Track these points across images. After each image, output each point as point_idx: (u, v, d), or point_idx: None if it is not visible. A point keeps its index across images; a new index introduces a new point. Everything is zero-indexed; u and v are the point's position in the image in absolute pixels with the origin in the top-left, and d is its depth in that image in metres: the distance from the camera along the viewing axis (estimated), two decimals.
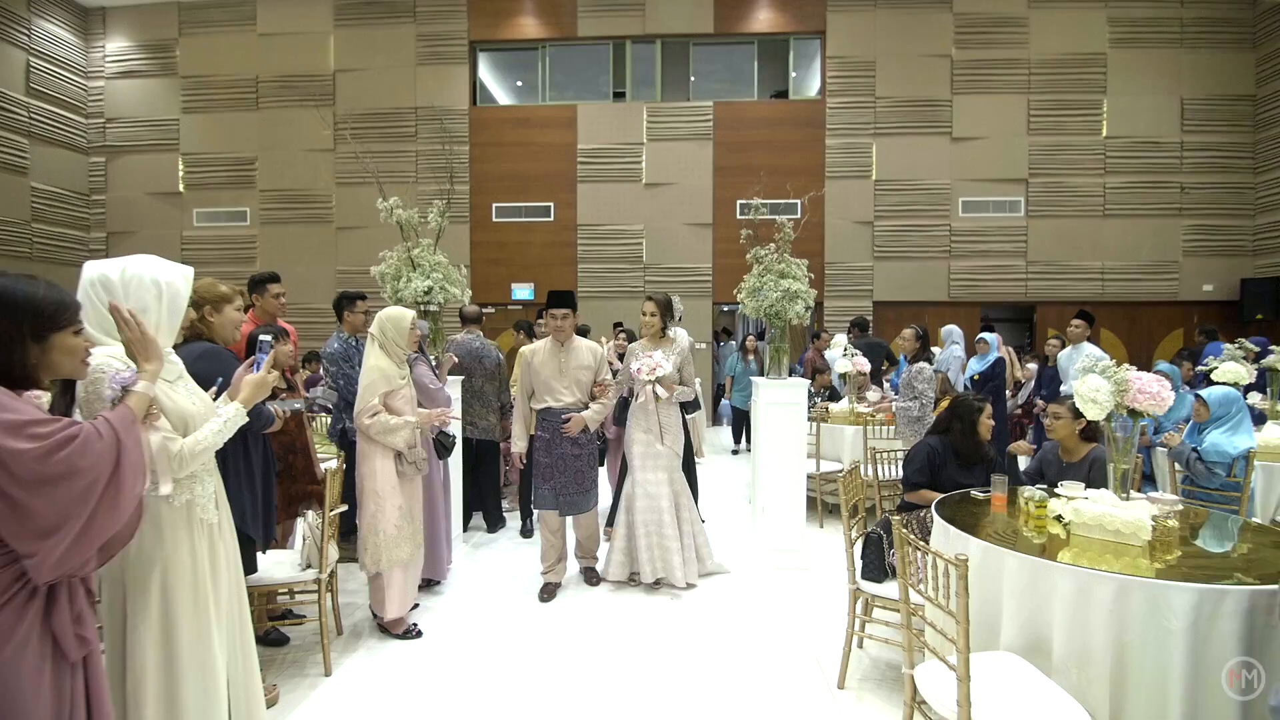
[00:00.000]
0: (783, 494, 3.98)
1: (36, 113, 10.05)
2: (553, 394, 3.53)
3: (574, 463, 3.53)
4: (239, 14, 10.49)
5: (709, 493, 5.93)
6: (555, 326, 3.52)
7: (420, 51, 10.19)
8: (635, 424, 3.67)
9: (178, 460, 1.65)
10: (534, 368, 3.57)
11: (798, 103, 9.99)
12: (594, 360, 3.60)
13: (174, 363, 1.79)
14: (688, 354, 3.74)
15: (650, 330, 3.72)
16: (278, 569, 2.71)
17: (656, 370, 3.45)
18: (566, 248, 10.12)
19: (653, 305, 3.73)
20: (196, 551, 1.72)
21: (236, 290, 2.46)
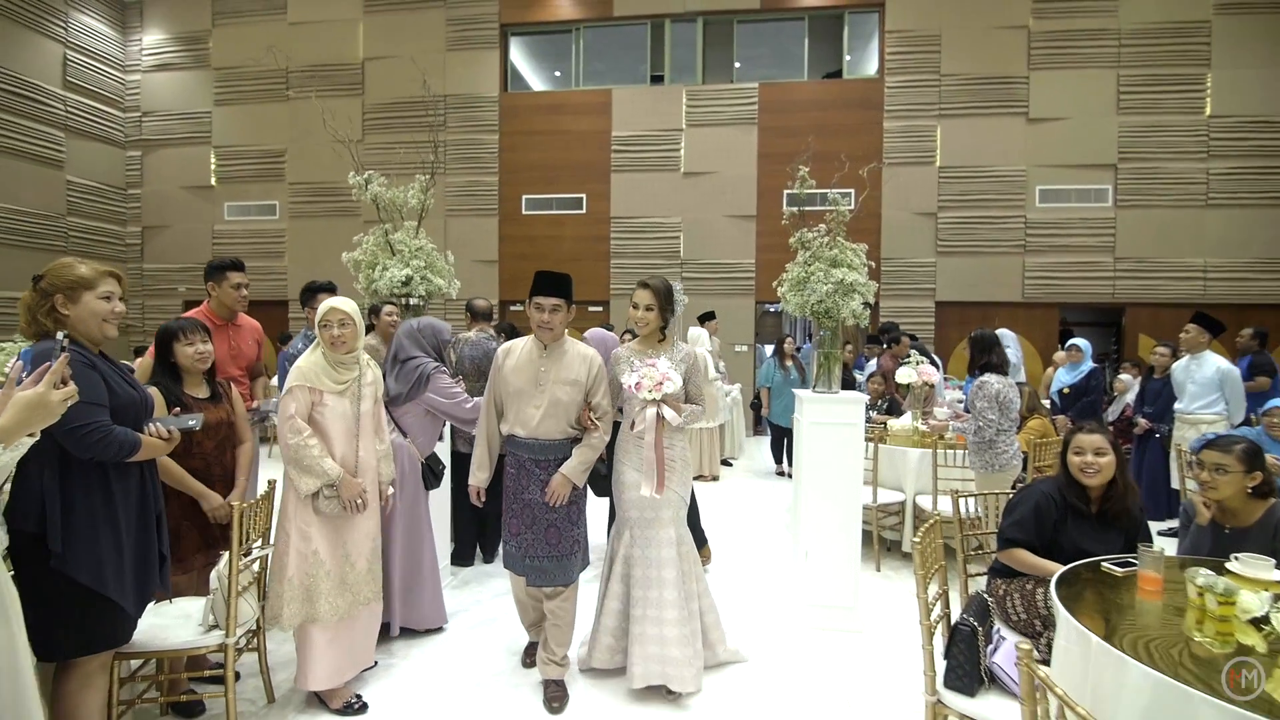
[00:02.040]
0: (832, 536, 3.22)
1: (73, 106, 10.01)
2: (521, 416, 2.52)
3: (545, 516, 2.50)
4: (270, 3, 10.25)
5: (740, 522, 5.17)
6: (540, 321, 2.48)
7: (449, 36, 9.74)
8: (628, 460, 2.63)
9: None
10: (503, 374, 2.57)
11: (852, 83, 9.10)
12: (587, 373, 2.53)
13: None
14: (695, 361, 2.71)
15: (646, 328, 2.63)
16: (174, 629, 2.13)
17: (663, 384, 2.41)
18: (599, 241, 9.49)
19: (648, 294, 2.60)
20: None
21: (103, 272, 1.87)
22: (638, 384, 2.43)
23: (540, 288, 2.52)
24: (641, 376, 2.44)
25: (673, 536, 2.60)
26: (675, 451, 2.65)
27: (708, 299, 8.78)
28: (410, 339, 2.96)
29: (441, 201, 9.77)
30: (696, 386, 2.70)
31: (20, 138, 9.23)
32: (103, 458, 1.74)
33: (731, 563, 4.17)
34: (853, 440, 3.26)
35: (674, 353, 2.66)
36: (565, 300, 2.53)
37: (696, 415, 2.67)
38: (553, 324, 2.49)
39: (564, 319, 2.54)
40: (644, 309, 2.61)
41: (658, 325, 2.65)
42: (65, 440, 1.69)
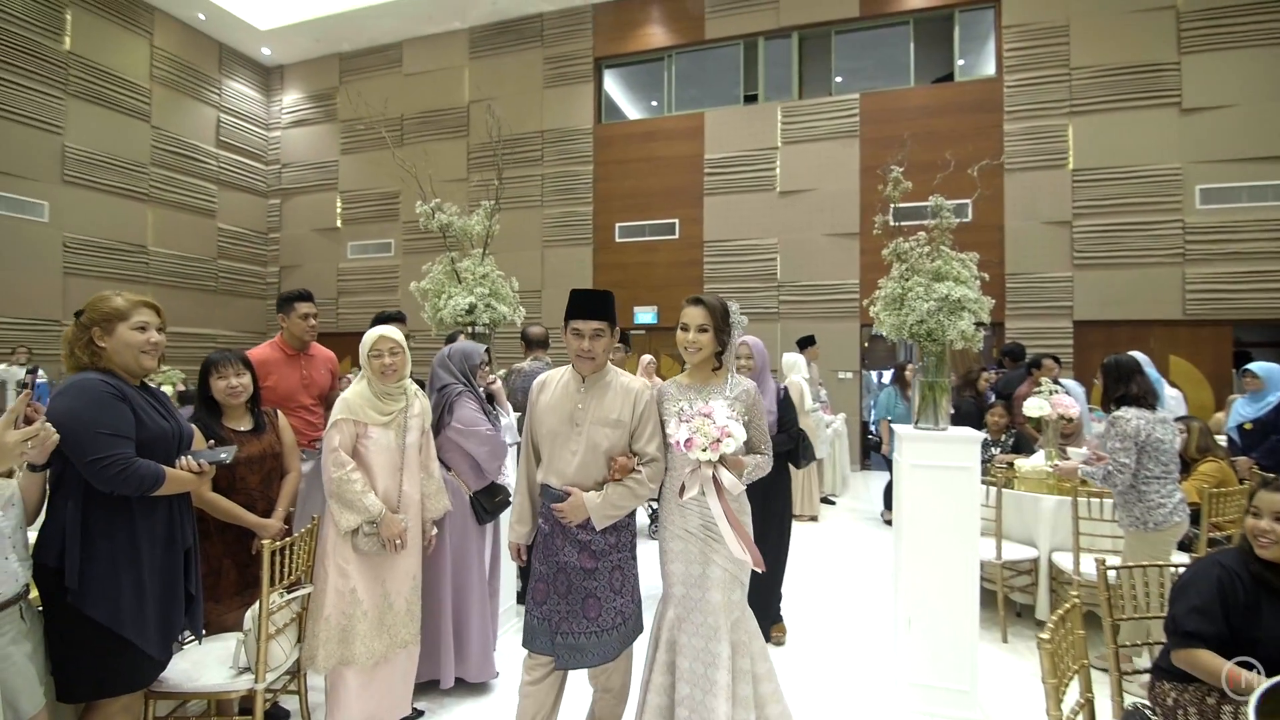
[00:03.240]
0: (940, 600, 2.70)
1: (225, 162, 11.26)
2: (556, 462, 2.11)
3: (584, 584, 2.04)
4: (387, 57, 11.07)
5: (834, 576, 4.62)
6: (579, 350, 2.07)
7: (546, 74, 10.02)
8: (673, 521, 2.11)
9: None
10: (537, 412, 2.18)
11: (966, 85, 8.36)
12: (632, 412, 2.08)
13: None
14: (756, 400, 2.14)
15: (698, 354, 2.09)
16: (208, 671, 2.06)
17: (722, 442, 1.85)
18: (691, 266, 9.26)
19: (701, 313, 2.08)
20: None
21: (138, 303, 1.85)
22: (688, 441, 1.86)
23: (578, 309, 2.09)
24: (694, 431, 1.86)
25: (722, 627, 2.02)
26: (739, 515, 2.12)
27: (807, 323, 8.27)
28: (442, 365, 2.84)
29: (538, 233, 10.00)
30: (760, 431, 2.15)
31: (181, 191, 10.48)
32: (124, 491, 1.69)
33: (817, 628, 3.58)
34: (966, 486, 2.74)
35: (730, 388, 2.11)
36: (609, 323, 2.09)
37: (762, 470, 2.15)
38: (594, 352, 2.07)
39: (607, 346, 2.11)
40: (696, 330, 2.08)
41: (713, 351, 2.10)
42: (86, 472, 1.65)
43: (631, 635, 2.17)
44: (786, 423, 3.22)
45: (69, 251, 8.95)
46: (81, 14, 9.04)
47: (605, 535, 2.10)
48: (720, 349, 2.13)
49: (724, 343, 2.13)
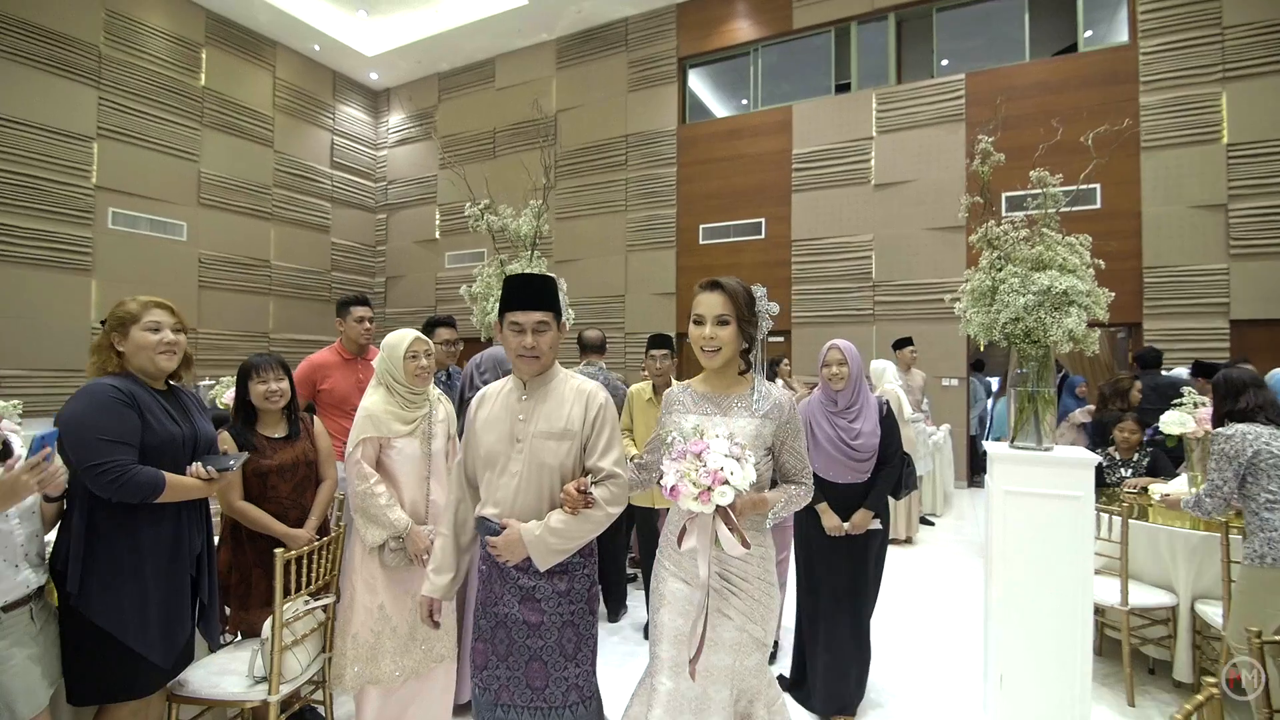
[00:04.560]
0: (1039, 655, 2.26)
1: (338, 181, 12.10)
2: (493, 488, 1.70)
3: (525, 639, 1.64)
4: (481, 74, 11.46)
5: (926, 613, 4.12)
6: (519, 347, 1.69)
7: (630, 78, 9.97)
8: (673, 558, 1.71)
9: None
10: (475, 430, 1.79)
11: (1093, 55, 7.40)
12: (581, 419, 1.69)
13: None
14: (791, 414, 1.70)
15: (715, 355, 1.67)
16: (227, 679, 2.03)
17: (714, 491, 1.43)
18: (779, 267, 8.83)
19: (720, 299, 1.66)
20: None
21: (149, 304, 1.85)
22: (673, 489, 1.46)
23: (517, 298, 1.68)
24: (681, 473, 1.45)
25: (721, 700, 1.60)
26: (752, 563, 1.65)
27: (905, 326, 7.63)
28: (475, 371, 2.72)
29: (622, 237, 9.94)
30: (795, 456, 1.70)
31: (299, 209, 11.35)
32: (123, 499, 1.67)
33: (895, 677, 3.06)
34: (1076, 518, 2.28)
35: (757, 400, 1.68)
36: (554, 314, 1.72)
37: (795, 503, 1.72)
38: (539, 349, 1.68)
39: (553, 342, 1.72)
40: (714, 323, 1.64)
41: (736, 350, 1.67)
42: (86, 478, 1.65)
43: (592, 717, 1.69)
44: (890, 449, 2.63)
45: (203, 266, 9.89)
46: (214, 52, 10.01)
47: (552, 580, 1.65)
48: (746, 346, 1.71)
49: (750, 339, 1.71)
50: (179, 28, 9.56)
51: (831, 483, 2.61)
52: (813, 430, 2.64)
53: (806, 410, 2.71)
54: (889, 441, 2.63)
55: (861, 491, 2.61)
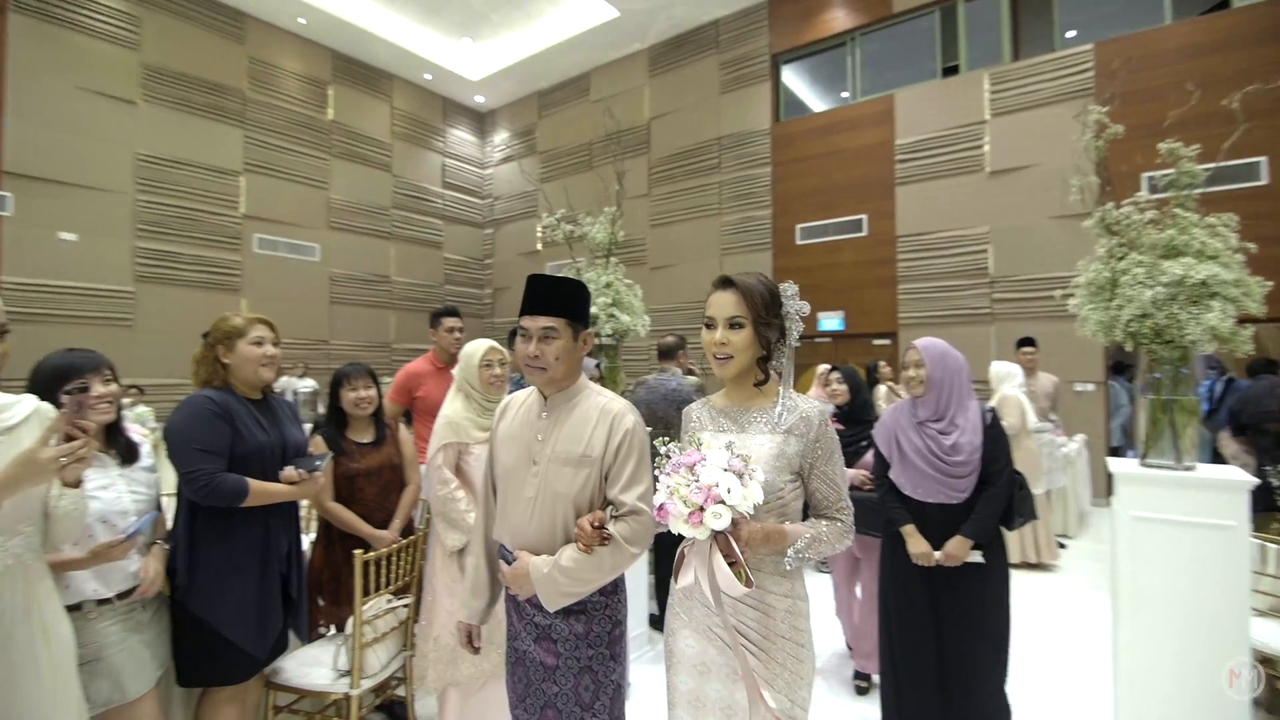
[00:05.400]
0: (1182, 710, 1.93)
1: (449, 200, 12.87)
2: (509, 513, 1.58)
3: (541, 682, 1.51)
4: (577, 88, 11.78)
5: (1057, 651, 3.68)
6: (524, 358, 1.54)
7: (722, 80, 9.85)
8: (683, 612, 1.51)
9: None
10: (496, 442, 1.68)
11: (1251, 10, 6.42)
12: (604, 444, 1.51)
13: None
14: (823, 430, 1.45)
15: (728, 364, 1.46)
16: (316, 670, 2.17)
17: (706, 512, 1.23)
18: (883, 265, 8.36)
19: (731, 299, 1.44)
20: None
21: (253, 320, 2.01)
22: (661, 508, 1.27)
23: (526, 301, 1.54)
24: (671, 488, 1.26)
25: None
26: (775, 616, 1.39)
27: (1029, 325, 6.96)
28: None
29: (716, 241, 9.83)
30: (829, 482, 1.44)
31: (415, 228, 12.18)
32: (212, 503, 1.82)
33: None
34: (1228, 551, 1.94)
35: (781, 413, 1.44)
36: (567, 319, 1.52)
37: (825, 543, 1.41)
38: (544, 359, 1.50)
39: (563, 351, 1.52)
40: (725, 326, 1.44)
41: (753, 357, 1.45)
42: (181, 483, 1.81)
43: None
44: (995, 465, 2.20)
45: (333, 284, 10.84)
46: (340, 89, 10.97)
47: (569, 620, 1.49)
48: (764, 353, 1.47)
49: (769, 343, 1.46)
50: (309, 68, 10.57)
51: (920, 502, 2.24)
52: (898, 441, 2.31)
53: (894, 417, 2.38)
54: (994, 457, 2.20)
55: (958, 515, 2.19)
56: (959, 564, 2.15)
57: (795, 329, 1.48)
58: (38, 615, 1.34)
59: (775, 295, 1.48)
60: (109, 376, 1.76)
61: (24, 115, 7.70)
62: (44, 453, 1.24)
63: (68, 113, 8.04)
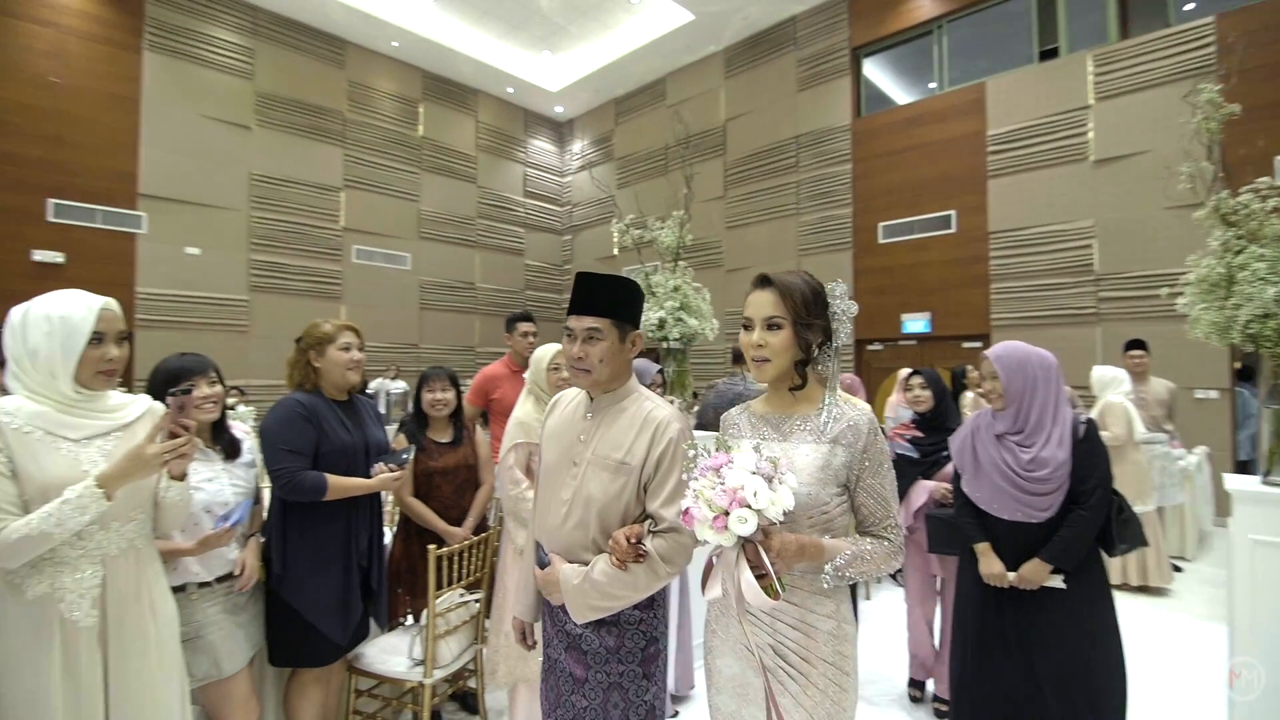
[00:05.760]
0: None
1: (530, 209, 13.27)
2: (546, 512, 1.55)
3: (570, 693, 1.46)
4: (653, 94, 11.87)
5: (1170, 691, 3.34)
6: (571, 358, 1.50)
7: (800, 77, 9.64)
8: (721, 631, 1.42)
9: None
10: (544, 438, 1.67)
11: None
12: (646, 453, 1.44)
13: (101, 414, 1.47)
14: (872, 440, 1.33)
15: (765, 367, 1.38)
16: (394, 657, 2.28)
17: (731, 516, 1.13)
18: (973, 263, 7.91)
19: (769, 299, 1.37)
20: (38, 660, 1.32)
21: (342, 327, 2.16)
22: (686, 512, 1.19)
23: (572, 300, 1.51)
24: (696, 492, 1.18)
25: None
26: (818, 639, 1.30)
27: (1138, 325, 6.41)
28: None
29: (794, 242, 9.63)
30: (876, 497, 1.33)
31: (498, 237, 12.64)
32: (295, 498, 1.96)
33: None
34: None
35: (827, 420, 1.35)
36: (613, 320, 1.47)
37: (869, 562, 1.29)
38: (588, 361, 1.46)
39: (609, 353, 1.46)
40: (762, 327, 1.36)
41: (790, 360, 1.36)
42: (270, 479, 1.96)
43: None
44: (1086, 483, 1.95)
45: (423, 291, 11.41)
46: (429, 106, 11.56)
47: (599, 633, 1.43)
48: (803, 357, 1.37)
49: (808, 346, 1.36)
50: (402, 88, 11.19)
51: (996, 518, 2.06)
52: (975, 451, 2.14)
53: (972, 426, 2.20)
54: (1085, 474, 1.96)
55: (1039, 534, 1.99)
56: (1034, 587, 1.97)
57: (843, 330, 1.38)
58: (147, 594, 1.49)
59: (819, 294, 1.40)
60: (214, 379, 1.93)
61: (156, 143, 8.59)
62: (150, 448, 1.38)
63: (192, 139, 8.91)
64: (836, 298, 1.40)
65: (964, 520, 2.15)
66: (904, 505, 2.64)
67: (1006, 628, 2.01)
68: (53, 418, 1.39)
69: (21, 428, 1.35)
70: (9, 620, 1.32)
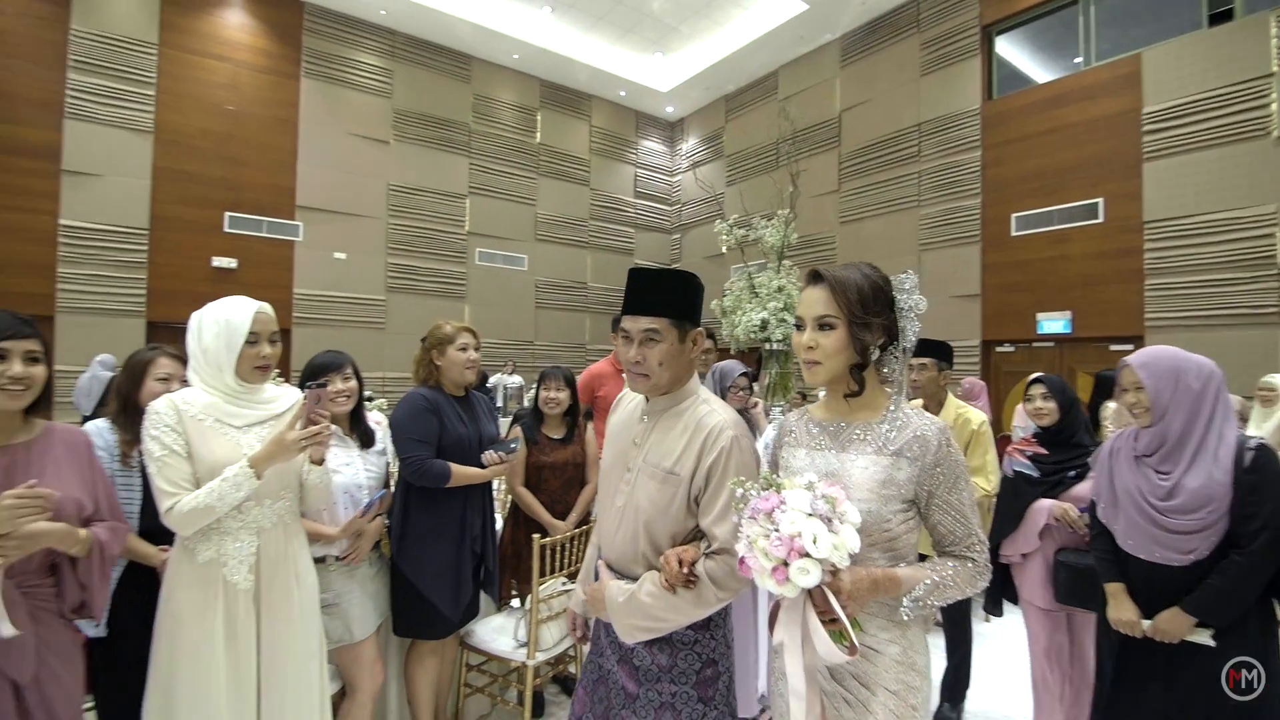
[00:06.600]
0: None
1: (640, 209, 13.50)
2: (601, 515, 1.53)
3: (620, 708, 1.39)
4: (764, 89, 11.67)
5: None
6: (627, 361, 1.41)
7: (923, 61, 9.10)
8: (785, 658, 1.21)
9: (172, 519, 1.50)
10: (607, 434, 1.62)
11: None
12: (694, 464, 1.34)
13: (258, 405, 1.69)
14: (945, 452, 1.20)
15: (818, 373, 1.26)
16: (501, 637, 2.44)
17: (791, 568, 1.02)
18: (1125, 256, 7.11)
19: (822, 296, 1.25)
20: (206, 615, 1.54)
21: (461, 329, 2.34)
22: (742, 561, 1.10)
23: (626, 300, 1.42)
24: (751, 538, 1.07)
25: None
26: (879, 663, 1.19)
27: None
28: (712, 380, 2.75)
29: (914, 236, 9.12)
30: (955, 514, 1.21)
31: (609, 237, 12.97)
32: (422, 483, 2.15)
33: None
34: None
35: (890, 431, 1.23)
36: (671, 319, 1.37)
37: (952, 587, 1.18)
38: (646, 365, 1.37)
39: (668, 355, 1.36)
40: (814, 327, 1.25)
41: (845, 364, 1.24)
42: (400, 465, 2.16)
43: None
44: (1250, 523, 1.62)
45: (538, 290, 11.95)
46: (547, 113, 12.06)
47: (651, 650, 1.35)
48: (859, 360, 1.24)
49: (865, 347, 1.23)
50: (521, 98, 11.76)
51: (1133, 558, 1.78)
52: (1112, 476, 1.86)
53: (1113, 445, 1.92)
54: (1250, 511, 1.61)
55: (1185, 579, 1.68)
56: (1174, 640, 1.69)
57: (912, 329, 1.25)
58: (293, 564, 1.70)
59: (881, 290, 1.25)
60: (349, 375, 2.16)
61: (310, 160, 9.61)
62: (290, 434, 1.58)
63: (339, 155, 9.88)
64: (904, 291, 1.26)
65: (1099, 553, 1.91)
66: (1022, 529, 2.41)
67: (1161, 689, 1.71)
68: (221, 407, 1.63)
69: (196, 415, 1.59)
70: (184, 579, 1.57)
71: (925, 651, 1.24)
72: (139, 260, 8.44)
